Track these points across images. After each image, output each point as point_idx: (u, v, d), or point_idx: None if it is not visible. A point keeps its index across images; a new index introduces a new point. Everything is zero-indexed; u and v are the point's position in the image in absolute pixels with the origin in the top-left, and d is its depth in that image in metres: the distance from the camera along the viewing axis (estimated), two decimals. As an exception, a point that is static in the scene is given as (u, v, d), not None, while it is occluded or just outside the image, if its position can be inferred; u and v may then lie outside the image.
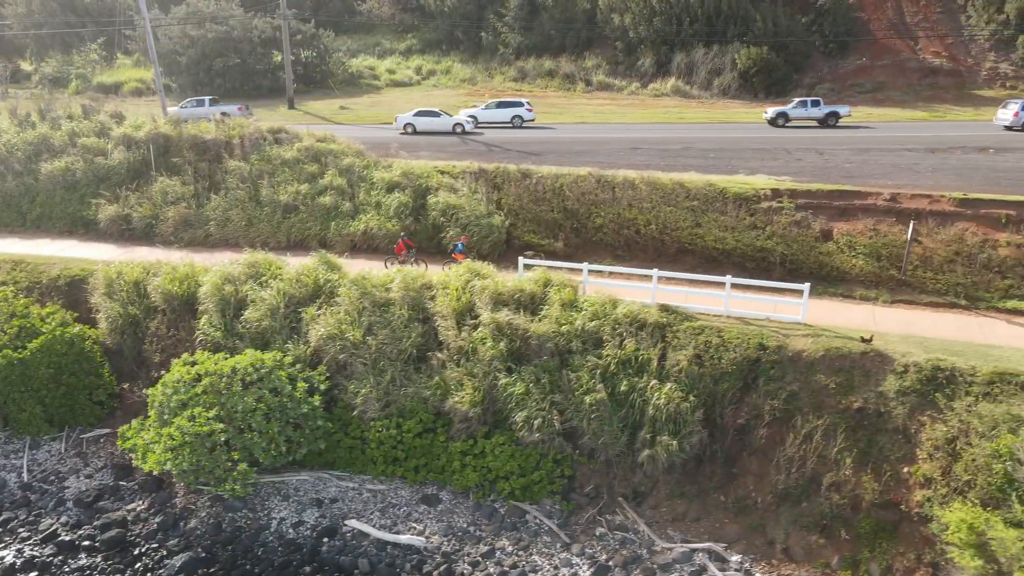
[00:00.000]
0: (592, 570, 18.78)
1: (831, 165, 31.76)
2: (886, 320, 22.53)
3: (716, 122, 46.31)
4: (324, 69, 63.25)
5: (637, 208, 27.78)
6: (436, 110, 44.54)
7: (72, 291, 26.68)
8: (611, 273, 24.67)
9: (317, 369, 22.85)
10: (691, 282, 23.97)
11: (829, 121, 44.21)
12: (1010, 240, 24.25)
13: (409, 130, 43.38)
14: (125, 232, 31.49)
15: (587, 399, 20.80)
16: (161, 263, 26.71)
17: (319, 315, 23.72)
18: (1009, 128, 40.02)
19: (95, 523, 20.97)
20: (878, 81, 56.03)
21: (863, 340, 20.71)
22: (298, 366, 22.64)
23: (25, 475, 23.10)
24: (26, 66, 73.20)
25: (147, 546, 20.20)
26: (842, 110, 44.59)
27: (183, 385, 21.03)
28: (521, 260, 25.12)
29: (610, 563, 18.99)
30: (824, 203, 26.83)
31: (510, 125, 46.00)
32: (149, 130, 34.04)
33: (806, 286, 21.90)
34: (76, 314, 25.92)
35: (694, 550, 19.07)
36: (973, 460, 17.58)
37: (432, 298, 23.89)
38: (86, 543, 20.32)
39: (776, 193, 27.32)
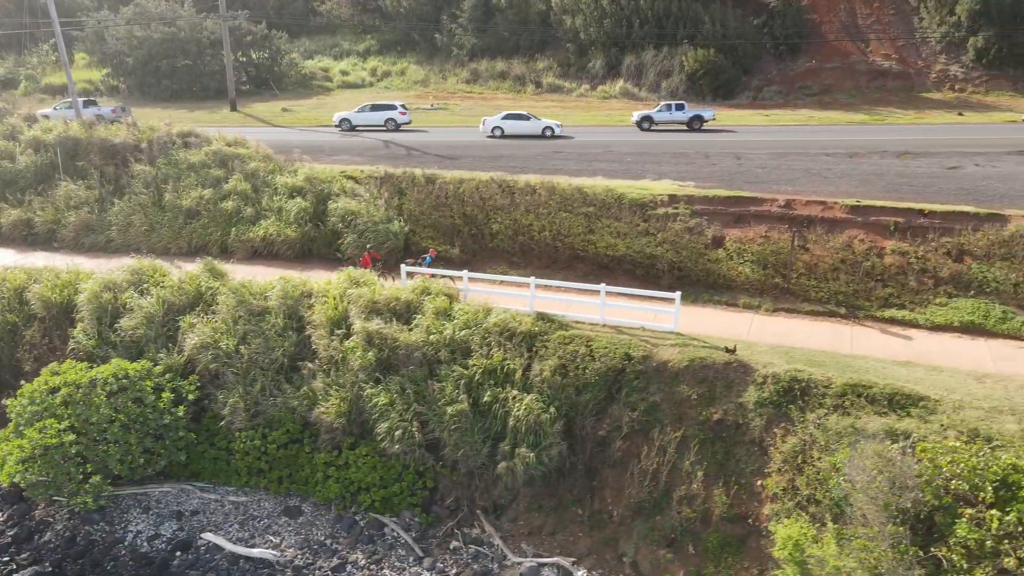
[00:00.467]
0: (439, 585, 18.53)
1: (744, 170, 31.53)
2: (763, 329, 22.30)
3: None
4: (276, 71, 62.87)
5: (534, 214, 27.51)
6: (525, 114, 42.80)
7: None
8: (501, 282, 24.42)
9: (188, 379, 22.53)
10: (569, 290, 23.70)
11: (694, 125, 44.32)
12: (895, 248, 24.03)
13: (497, 133, 41.81)
14: (28, 237, 31.17)
15: (449, 410, 20.50)
16: (45, 269, 26.37)
17: (195, 324, 23.40)
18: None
19: (-50, 536, 20.65)
20: (826, 83, 55.86)
21: (727, 350, 20.45)
22: (168, 376, 22.31)
23: None
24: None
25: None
26: (706, 114, 44.81)
27: (39, 395, 20.69)
28: (403, 268, 24.83)
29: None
30: (720, 209, 26.59)
31: (384, 128, 45.64)
32: (59, 133, 33.66)
33: (676, 295, 21.64)
34: (-42, 321, 25.56)
35: (542, 564, 18.80)
36: (817, 474, 17.35)
37: (310, 307, 23.58)
38: (-64, 557, 20.00)
39: (673, 199, 27.08)
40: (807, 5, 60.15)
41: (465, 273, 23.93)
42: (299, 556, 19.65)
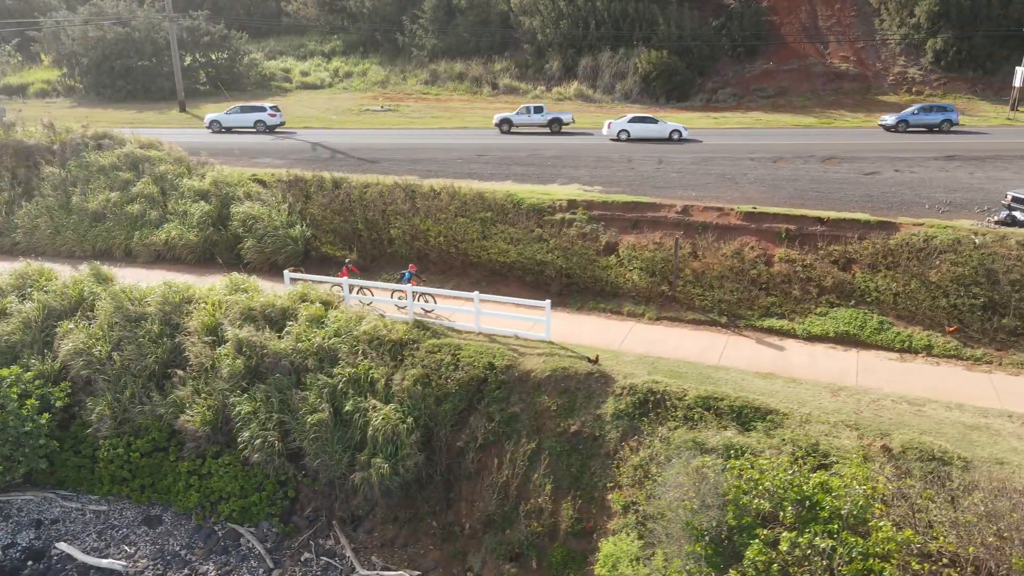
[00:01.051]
0: (281, 598, 18.28)
1: (659, 175, 31.20)
2: (640, 338, 21.99)
3: (598, 127, 45.61)
4: (235, 71, 62.68)
5: (432, 219, 27.22)
6: (653, 116, 41.18)
7: None
8: (385, 289, 24.18)
9: (60, 385, 22.32)
10: (450, 298, 23.41)
11: (553, 127, 44.14)
12: (784, 256, 23.68)
13: (623, 137, 40.28)
14: (-59, 239, 31.01)
15: (310, 419, 20.22)
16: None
17: (72, 329, 23.19)
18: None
19: None
20: (781, 86, 55.42)
21: (590, 360, 20.16)
22: (38, 382, 22.10)
23: None
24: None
25: None
26: (564, 116, 44.69)
27: (-103, 402, 20.52)
28: (287, 274, 24.56)
29: (302, 591, 18.48)
30: (618, 215, 26.26)
31: (254, 130, 45.46)
32: (-25, 135, 33.53)
33: (546, 303, 21.33)
34: None
35: None
36: (654, 489, 17.03)
37: (189, 313, 23.34)
38: None
39: (572, 204, 26.77)
40: (767, 6, 59.74)
41: (345, 280, 23.68)
42: (150, 567, 19.42)
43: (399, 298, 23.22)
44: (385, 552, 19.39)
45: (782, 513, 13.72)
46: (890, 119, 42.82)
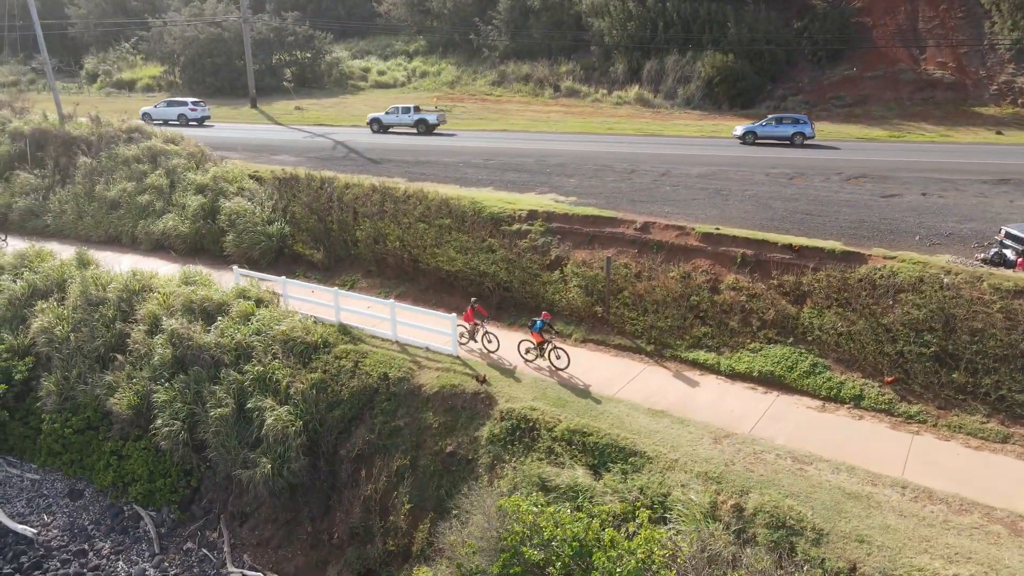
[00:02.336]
0: (151, 584, 18.98)
1: (652, 187, 29.56)
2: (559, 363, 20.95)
3: (644, 134, 43.87)
4: (317, 70, 65.57)
5: (395, 223, 27.23)
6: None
7: None
8: (313, 291, 24.45)
9: (24, 360, 24.28)
10: (374, 305, 23.33)
11: (419, 127, 45.54)
12: (733, 283, 21.76)
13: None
14: (-8, 218, 34.58)
15: (213, 412, 20.84)
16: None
17: (44, 309, 25.14)
18: None
19: None
20: (862, 94, 51.01)
21: (478, 380, 19.49)
22: (5, 356, 24.16)
23: None
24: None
25: None
26: (430, 117, 45.87)
27: None
28: (236, 269, 25.39)
29: (172, 579, 19.09)
30: (576, 229, 25.14)
31: (178, 123, 47.90)
32: (34, 126, 37.04)
33: (451, 316, 20.82)
34: None
35: None
36: (496, 522, 16.20)
37: (144, 301, 24.66)
38: None
39: (532, 215, 25.90)
40: (859, 7, 55.14)
41: (283, 279, 24.18)
42: (58, 537, 20.75)
43: (527, 350, 20.47)
44: (258, 551, 19.66)
45: (552, 568, 12.63)
46: (739, 130, 40.50)
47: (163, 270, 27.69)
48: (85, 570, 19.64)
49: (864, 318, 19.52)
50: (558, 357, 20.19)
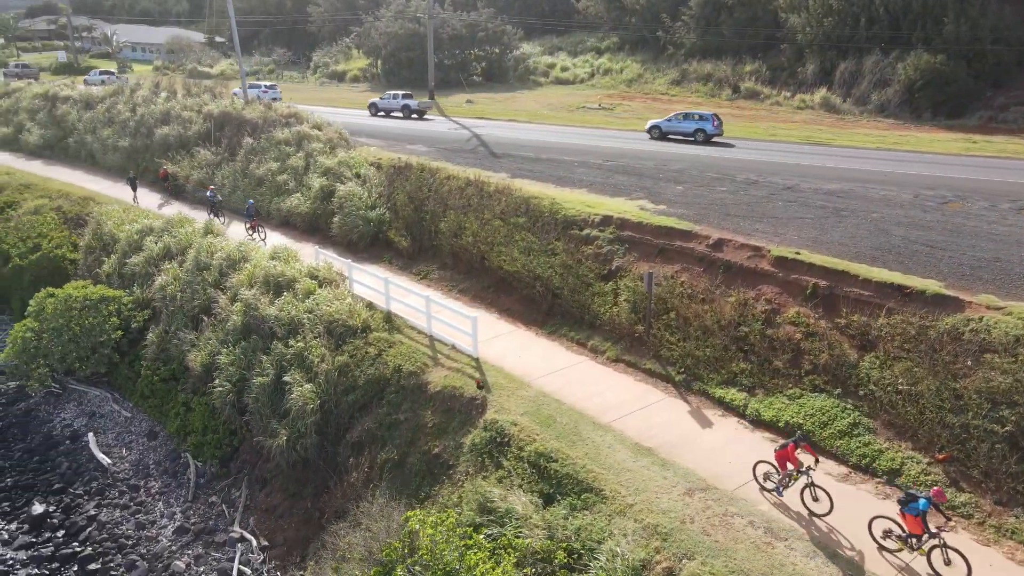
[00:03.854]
0: (172, 528, 20.79)
1: (758, 202, 26.46)
2: (572, 376, 19.72)
3: (808, 142, 39.40)
4: (503, 65, 67.23)
5: (474, 217, 27.08)
6: None
7: (79, 221, 35.32)
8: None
9: (142, 312, 27.74)
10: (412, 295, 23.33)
11: (404, 111, 50.54)
12: (795, 317, 18.82)
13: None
14: (172, 187, 39.80)
15: (256, 380, 22.30)
16: (136, 209, 33.92)
17: (168, 268, 28.49)
18: None
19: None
20: (1113, 107, 41.41)
21: (478, 385, 18.83)
22: (131, 306, 27.77)
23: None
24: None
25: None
26: (412, 103, 51.00)
27: (36, 303, 27.52)
28: (316, 249, 26.81)
29: (190, 528, 20.74)
30: (646, 240, 23.28)
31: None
32: (221, 109, 42.00)
33: (473, 317, 20.26)
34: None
35: (239, 538, 19.83)
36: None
37: (237, 271, 26.97)
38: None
39: (606, 221, 24.38)
40: None
41: (349, 263, 25.13)
42: (126, 470, 23.49)
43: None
44: (264, 517, 20.70)
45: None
46: (648, 124, 41.04)
47: (279, 244, 29.98)
48: (132, 503, 22.01)
49: (933, 376, 15.89)
50: (815, 499, 14.26)
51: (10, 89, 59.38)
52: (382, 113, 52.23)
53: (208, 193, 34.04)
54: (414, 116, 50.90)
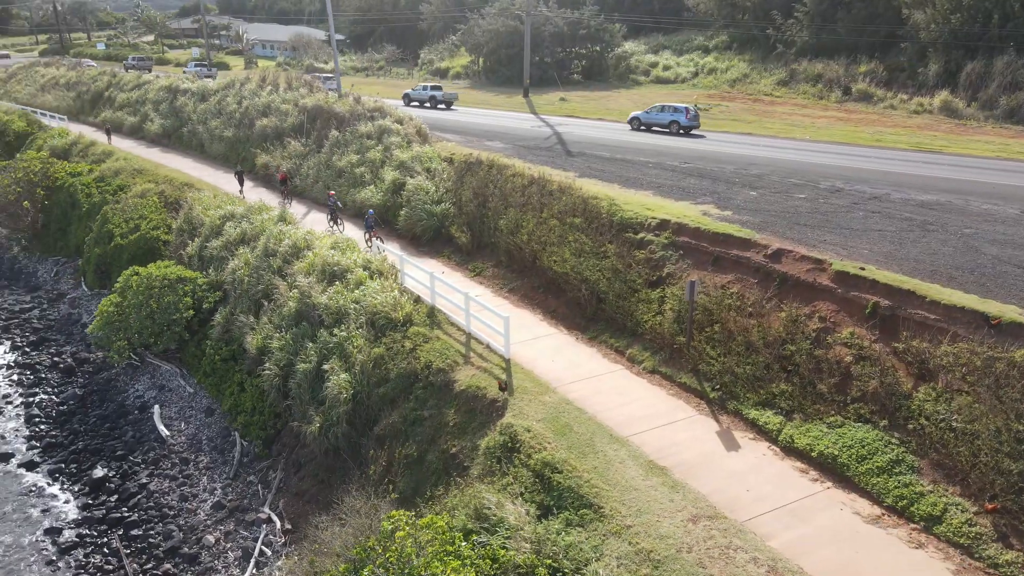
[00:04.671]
0: (211, 503, 21.59)
1: (835, 211, 24.47)
2: (600, 384, 18.93)
3: (917, 149, 36.31)
4: (603, 63, 66.12)
5: (532, 215, 26.56)
6: None
7: (176, 205, 37.48)
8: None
9: (214, 293, 29.06)
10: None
11: (431, 102, 53.77)
12: (849, 337, 17.17)
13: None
14: (265, 177, 41.59)
15: (300, 367, 22.81)
16: (222, 198, 35.66)
17: (241, 253, 29.71)
18: None
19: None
20: None
21: (501, 387, 18.37)
22: (204, 287, 29.18)
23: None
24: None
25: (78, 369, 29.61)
26: (438, 93, 54.23)
27: (123, 279, 29.38)
28: (375, 241, 27.09)
29: (226, 504, 21.45)
30: (702, 247, 21.99)
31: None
32: (314, 103, 43.50)
33: (505, 317, 19.76)
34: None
35: (264, 519, 20.28)
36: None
37: (300, 259, 27.71)
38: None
39: (663, 225, 23.24)
40: None
41: (401, 255, 25.24)
42: (182, 444, 24.64)
43: None
44: (293, 501, 21.07)
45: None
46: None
47: (347, 234, 30.63)
48: (180, 475, 23.04)
49: (995, 415, 14.01)
50: None
51: (141, 81, 64.12)
52: (415, 103, 54.14)
53: (329, 199, 31.96)
54: (441, 106, 54.98)
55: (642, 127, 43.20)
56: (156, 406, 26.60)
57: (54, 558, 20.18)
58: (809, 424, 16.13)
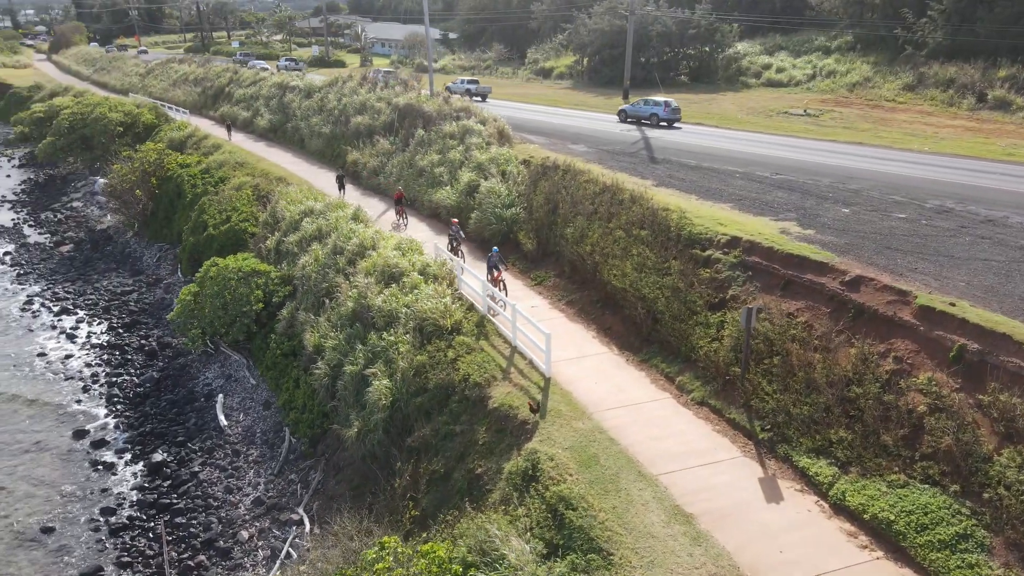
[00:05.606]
0: (252, 499, 21.81)
1: (937, 235, 21.77)
2: (640, 415, 17.54)
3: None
4: (712, 64, 63.22)
5: (598, 225, 25.28)
6: None
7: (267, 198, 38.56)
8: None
9: (285, 288, 29.59)
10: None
11: (469, 95, 52.62)
12: (926, 384, 14.99)
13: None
14: (353, 173, 42.22)
15: (347, 368, 22.68)
16: (308, 192, 36.40)
17: (312, 250, 30.11)
18: None
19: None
20: None
21: (532, 409, 17.39)
22: (277, 281, 29.77)
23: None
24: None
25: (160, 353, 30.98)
26: (473, 86, 58.42)
27: (204, 269, 30.43)
28: (436, 244, 26.62)
29: (265, 501, 21.59)
30: (773, 269, 20.08)
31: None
32: (404, 102, 43.80)
33: (547, 334, 18.68)
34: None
35: (295, 521, 20.17)
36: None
37: (365, 259, 27.69)
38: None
39: (733, 243, 21.43)
40: None
41: (459, 262, 24.64)
42: (237, 435, 25.14)
43: None
44: (327, 504, 20.88)
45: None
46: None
47: (419, 235, 30.42)
48: (230, 467, 23.46)
49: (1092, 496, 11.69)
50: None
51: (257, 79, 67.15)
52: (455, 95, 51.92)
53: (452, 228, 27.36)
54: (476, 98, 56.07)
55: (629, 119, 47.03)
56: (220, 395, 27.33)
57: (103, 538, 20.95)
58: (866, 480, 14.16)
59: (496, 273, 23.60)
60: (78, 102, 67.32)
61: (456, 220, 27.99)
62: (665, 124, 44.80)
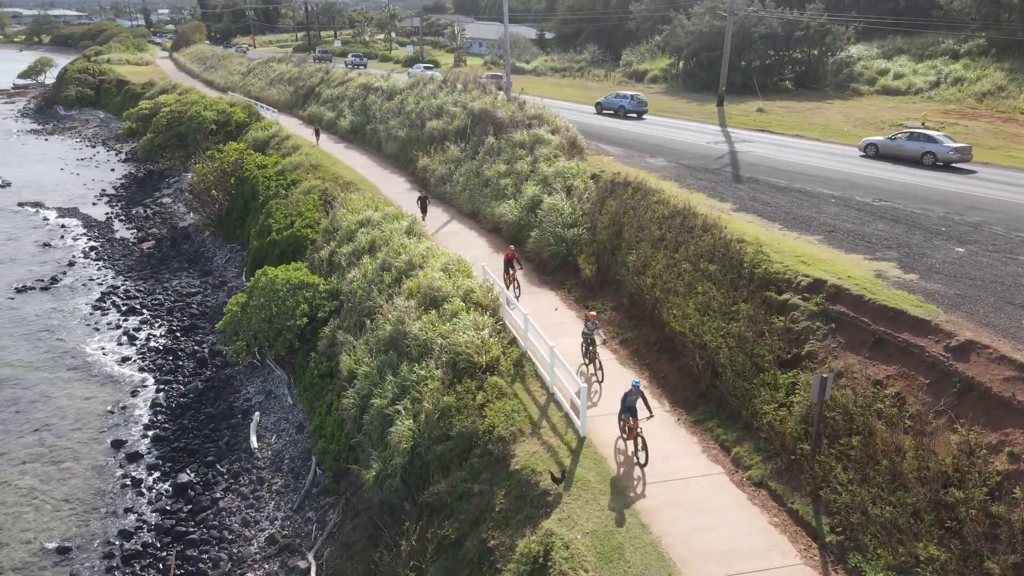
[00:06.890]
0: (266, 536, 20.43)
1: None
2: (687, 496, 14.81)
3: None
4: (819, 69, 58.28)
5: (665, 255, 22.48)
6: None
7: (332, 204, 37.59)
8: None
9: (331, 302, 28.30)
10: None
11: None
12: (1044, 492, 11.71)
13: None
14: (422, 179, 40.79)
15: (375, 401, 20.98)
16: (364, 200, 35.15)
17: (361, 264, 28.70)
18: None
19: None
20: None
21: (554, 479, 15.04)
22: (324, 293, 28.53)
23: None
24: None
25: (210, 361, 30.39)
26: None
27: (254, 279, 29.57)
28: (483, 266, 24.53)
29: (278, 540, 20.15)
30: (863, 321, 16.82)
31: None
32: (478, 107, 41.96)
33: (581, 387, 16.22)
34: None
35: (302, 568, 18.52)
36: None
37: (411, 278, 25.94)
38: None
39: (815, 287, 18.23)
40: None
41: (506, 291, 22.59)
42: (266, 459, 23.93)
43: None
44: (339, 552, 19.20)
45: None
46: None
47: (470, 253, 28.49)
48: (251, 496, 22.24)
49: None
50: None
51: (345, 79, 67.23)
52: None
53: (588, 322, 19.19)
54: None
55: (604, 111, 50.73)
56: (256, 414, 26.28)
57: (115, 565, 20.06)
58: (961, 621, 11.00)
59: (593, 344, 19.30)
60: (178, 100, 69.47)
61: (594, 313, 20.01)
62: (634, 115, 48.61)
